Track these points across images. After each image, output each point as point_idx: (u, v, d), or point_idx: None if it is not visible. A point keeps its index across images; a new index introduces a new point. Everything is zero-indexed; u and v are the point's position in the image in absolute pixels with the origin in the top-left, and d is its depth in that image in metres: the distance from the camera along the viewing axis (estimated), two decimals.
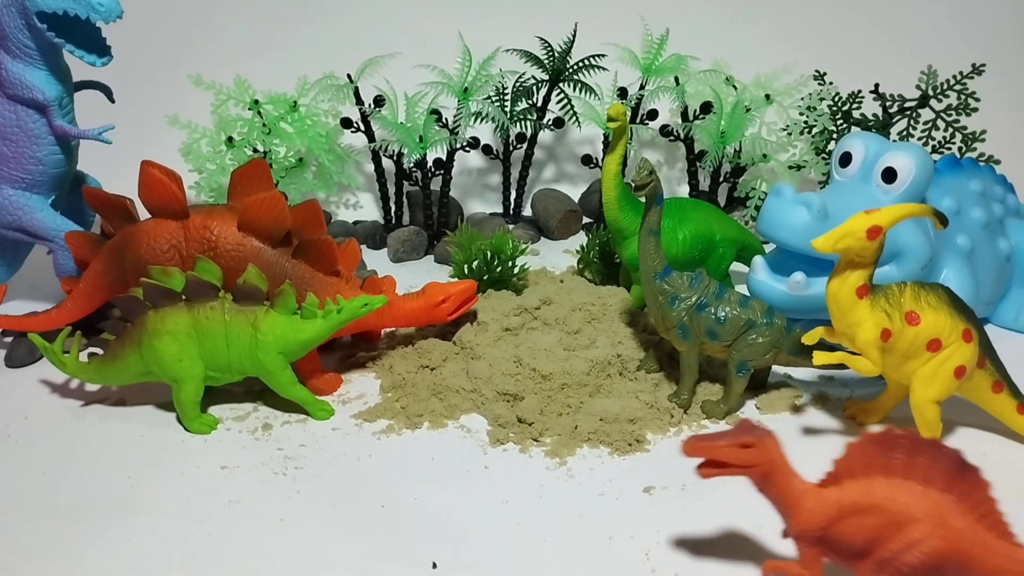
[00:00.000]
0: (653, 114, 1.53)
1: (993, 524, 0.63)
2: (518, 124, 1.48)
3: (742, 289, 1.09)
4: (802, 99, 1.48)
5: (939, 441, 0.64)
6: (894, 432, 0.63)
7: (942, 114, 1.40)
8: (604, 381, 1.03)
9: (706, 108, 1.50)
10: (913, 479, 0.63)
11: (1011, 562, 0.63)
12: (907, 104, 1.41)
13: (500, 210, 1.62)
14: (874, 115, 1.42)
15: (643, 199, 0.97)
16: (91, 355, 1.05)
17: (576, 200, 1.63)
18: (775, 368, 1.06)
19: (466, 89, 1.44)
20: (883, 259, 0.94)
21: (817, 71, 1.48)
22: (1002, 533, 0.64)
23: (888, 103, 1.41)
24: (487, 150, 1.57)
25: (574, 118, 1.50)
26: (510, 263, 1.23)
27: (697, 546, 0.80)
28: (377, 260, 1.47)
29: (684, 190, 1.62)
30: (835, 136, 1.45)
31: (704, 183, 1.59)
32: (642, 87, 1.51)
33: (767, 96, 1.50)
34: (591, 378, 1.02)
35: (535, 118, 1.50)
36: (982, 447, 0.95)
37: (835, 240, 0.84)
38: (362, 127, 1.48)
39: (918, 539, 0.63)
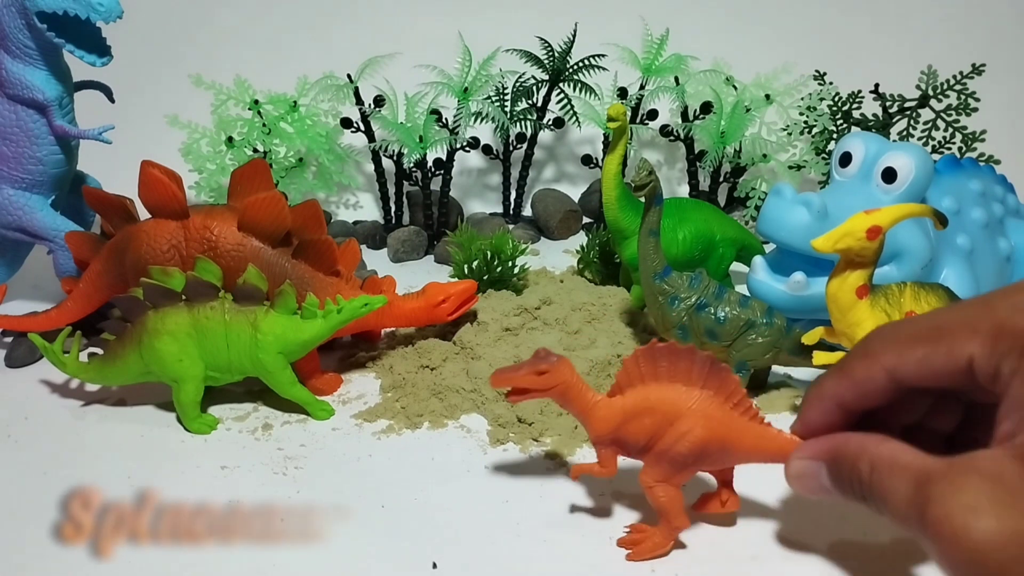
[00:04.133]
0: (653, 114, 1.53)
1: (745, 410, 0.75)
2: (518, 124, 1.49)
3: (742, 289, 1.09)
4: (802, 99, 1.48)
5: (693, 347, 0.74)
6: (657, 344, 0.75)
7: (942, 114, 1.40)
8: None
9: (706, 108, 1.50)
10: (677, 381, 0.75)
11: (762, 440, 0.74)
12: (907, 104, 1.41)
13: (500, 210, 1.62)
14: (874, 115, 1.42)
15: (643, 199, 0.97)
16: (91, 355, 1.05)
17: (576, 200, 1.63)
18: (775, 368, 1.06)
19: (466, 89, 1.44)
20: (883, 259, 0.94)
21: (817, 71, 1.48)
22: (752, 416, 0.75)
23: (888, 103, 1.41)
24: (487, 150, 1.57)
25: (574, 118, 1.50)
26: (510, 263, 1.23)
27: (697, 546, 0.80)
28: (377, 260, 1.47)
29: (684, 190, 1.62)
30: (835, 136, 1.45)
31: (704, 183, 1.59)
32: (642, 87, 1.51)
33: (767, 96, 1.50)
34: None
35: (535, 118, 1.50)
36: None
37: (835, 240, 0.84)
38: (362, 127, 1.48)
39: (686, 431, 0.74)
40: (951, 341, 0.62)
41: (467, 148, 1.48)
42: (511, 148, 1.55)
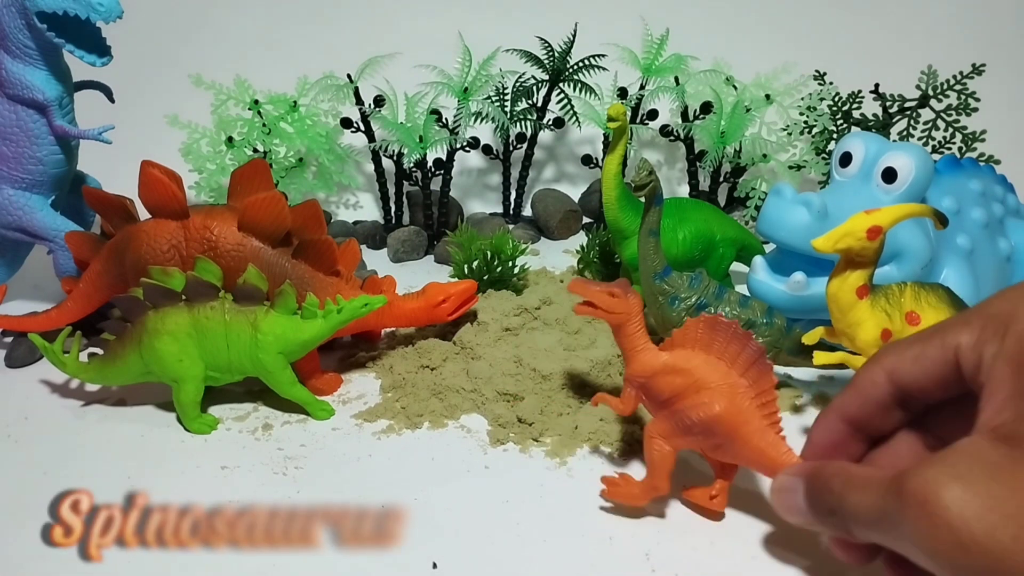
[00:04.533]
0: (653, 114, 1.53)
1: (768, 414, 0.77)
2: (518, 124, 1.48)
3: (742, 289, 1.09)
4: (802, 99, 1.48)
5: (751, 334, 0.77)
6: (721, 319, 0.78)
7: (942, 114, 1.40)
8: (604, 381, 1.03)
9: (706, 108, 1.50)
10: (723, 359, 0.78)
11: (768, 447, 0.76)
12: (907, 104, 1.41)
13: (500, 210, 1.62)
14: (874, 115, 1.42)
15: (643, 199, 0.97)
16: (91, 355, 1.05)
17: (576, 200, 1.63)
18: (775, 368, 1.06)
19: (466, 89, 1.44)
20: (883, 259, 0.94)
21: (817, 71, 1.48)
22: (772, 423, 0.77)
23: (888, 103, 1.41)
24: (487, 150, 1.57)
25: (574, 118, 1.50)
26: (510, 263, 1.23)
27: (697, 546, 0.80)
28: (377, 260, 1.47)
29: (684, 190, 1.62)
30: (835, 136, 1.45)
31: (704, 183, 1.59)
32: (642, 87, 1.51)
33: (767, 96, 1.50)
34: (591, 377, 1.02)
35: (535, 118, 1.50)
36: None
37: (835, 240, 0.84)
38: (362, 127, 1.48)
39: (706, 402, 0.77)
40: (944, 335, 0.63)
41: (467, 148, 1.48)
42: (511, 148, 1.55)
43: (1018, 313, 0.58)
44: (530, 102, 1.49)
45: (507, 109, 1.47)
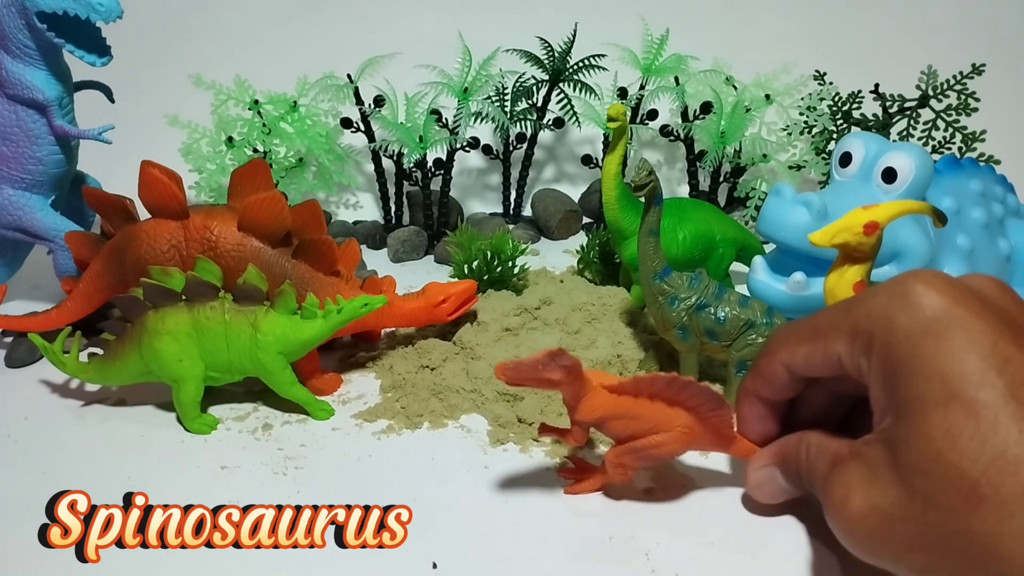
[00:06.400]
0: (653, 114, 1.53)
1: (720, 420, 0.82)
2: (518, 124, 1.49)
3: (742, 289, 1.09)
4: (802, 99, 1.48)
5: (693, 380, 0.79)
6: (694, 382, 0.79)
7: (942, 114, 1.40)
8: None
9: (706, 108, 1.50)
10: (677, 404, 0.80)
11: (723, 439, 0.83)
12: (907, 104, 1.41)
13: (500, 210, 1.62)
14: (874, 115, 1.43)
15: (643, 199, 0.97)
16: (91, 355, 1.05)
17: (576, 200, 1.63)
18: None
19: (466, 89, 1.44)
20: (883, 258, 0.94)
21: (817, 71, 1.48)
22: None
23: (888, 103, 1.41)
24: (487, 150, 1.57)
25: (574, 118, 1.50)
26: (510, 263, 1.23)
27: (697, 546, 0.80)
28: (377, 260, 1.47)
29: (684, 190, 1.62)
30: (835, 136, 1.46)
31: (704, 183, 1.59)
32: (642, 87, 1.51)
33: (767, 96, 1.50)
34: None
35: (535, 118, 1.50)
36: None
37: (832, 234, 0.84)
38: (362, 127, 1.48)
39: (665, 443, 0.81)
40: (825, 341, 0.71)
41: (467, 148, 1.48)
42: (511, 148, 1.55)
43: (876, 331, 0.66)
44: (530, 102, 1.49)
45: (507, 109, 1.47)
